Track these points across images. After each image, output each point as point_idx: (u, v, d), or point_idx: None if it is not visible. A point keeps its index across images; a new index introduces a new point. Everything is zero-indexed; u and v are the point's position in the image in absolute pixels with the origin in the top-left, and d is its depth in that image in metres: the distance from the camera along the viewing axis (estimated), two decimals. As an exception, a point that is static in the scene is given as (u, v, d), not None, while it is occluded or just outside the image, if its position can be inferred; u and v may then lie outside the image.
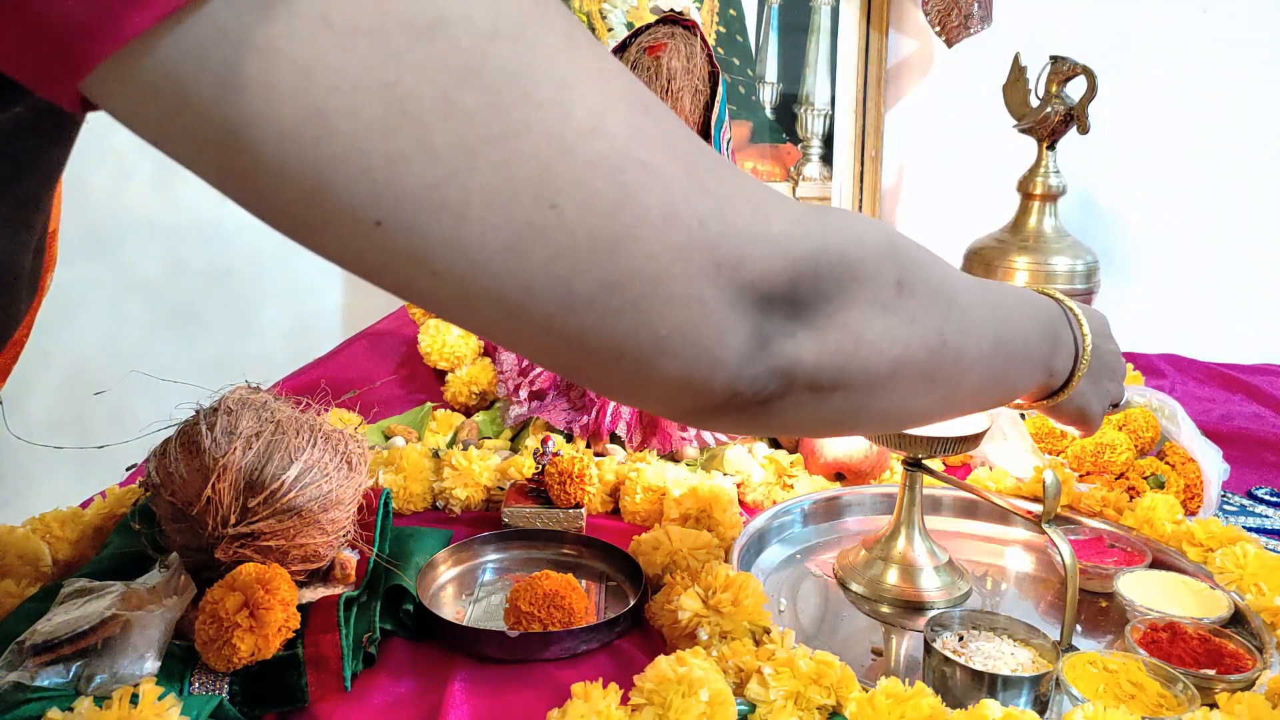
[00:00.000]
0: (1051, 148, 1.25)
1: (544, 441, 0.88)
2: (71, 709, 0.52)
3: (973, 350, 0.44)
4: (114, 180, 1.47)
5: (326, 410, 0.74)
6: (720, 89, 1.12)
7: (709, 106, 1.13)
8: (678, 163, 0.30)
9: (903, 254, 0.39)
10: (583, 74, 0.28)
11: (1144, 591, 0.72)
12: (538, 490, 0.86)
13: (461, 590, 0.76)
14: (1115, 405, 0.66)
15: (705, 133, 1.14)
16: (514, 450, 1.02)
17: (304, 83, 0.24)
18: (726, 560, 0.75)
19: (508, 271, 0.28)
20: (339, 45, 0.24)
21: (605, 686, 0.56)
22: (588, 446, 1.02)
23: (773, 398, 0.35)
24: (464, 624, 0.69)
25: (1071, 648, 0.65)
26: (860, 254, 0.36)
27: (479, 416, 1.12)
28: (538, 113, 0.27)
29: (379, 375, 1.17)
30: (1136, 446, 0.96)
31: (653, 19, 1.13)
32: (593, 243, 0.28)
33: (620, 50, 1.12)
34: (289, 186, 0.26)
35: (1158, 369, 1.37)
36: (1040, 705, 0.59)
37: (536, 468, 0.87)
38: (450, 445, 1.01)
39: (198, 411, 0.69)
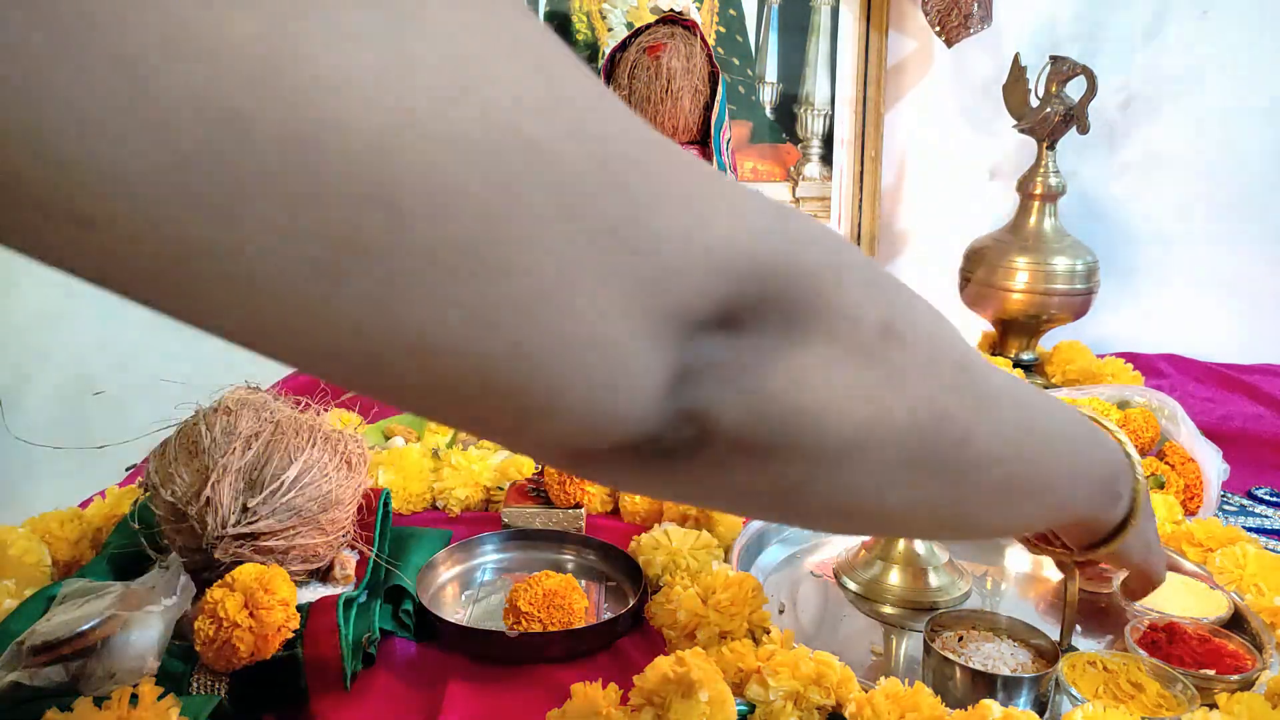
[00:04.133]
0: (1051, 148, 1.25)
1: (544, 441, 0.87)
2: (71, 709, 0.52)
3: (991, 435, 0.32)
4: (114, 180, 1.47)
5: (326, 410, 0.74)
6: (720, 89, 1.12)
7: (709, 106, 1.13)
8: (584, 147, 0.22)
9: (899, 294, 0.30)
10: (451, 17, 0.20)
11: (1144, 591, 0.72)
12: (538, 490, 0.86)
13: (461, 590, 0.76)
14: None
15: (705, 132, 1.14)
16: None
17: None
18: (726, 560, 0.75)
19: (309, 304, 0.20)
20: None
21: (605, 686, 0.56)
22: (588, 446, 1.02)
23: (683, 451, 0.27)
24: (464, 624, 0.69)
25: (1071, 648, 0.65)
26: (836, 276, 0.27)
27: (479, 416, 1.11)
28: (362, 59, 0.18)
29: (379, 375, 1.16)
30: (1136, 446, 0.95)
31: (653, 19, 1.13)
32: (445, 258, 0.20)
33: (620, 50, 1.12)
34: None
35: (1158, 369, 1.37)
36: (1040, 705, 0.59)
37: (536, 468, 0.87)
38: (450, 445, 1.01)
39: (198, 411, 0.69)
